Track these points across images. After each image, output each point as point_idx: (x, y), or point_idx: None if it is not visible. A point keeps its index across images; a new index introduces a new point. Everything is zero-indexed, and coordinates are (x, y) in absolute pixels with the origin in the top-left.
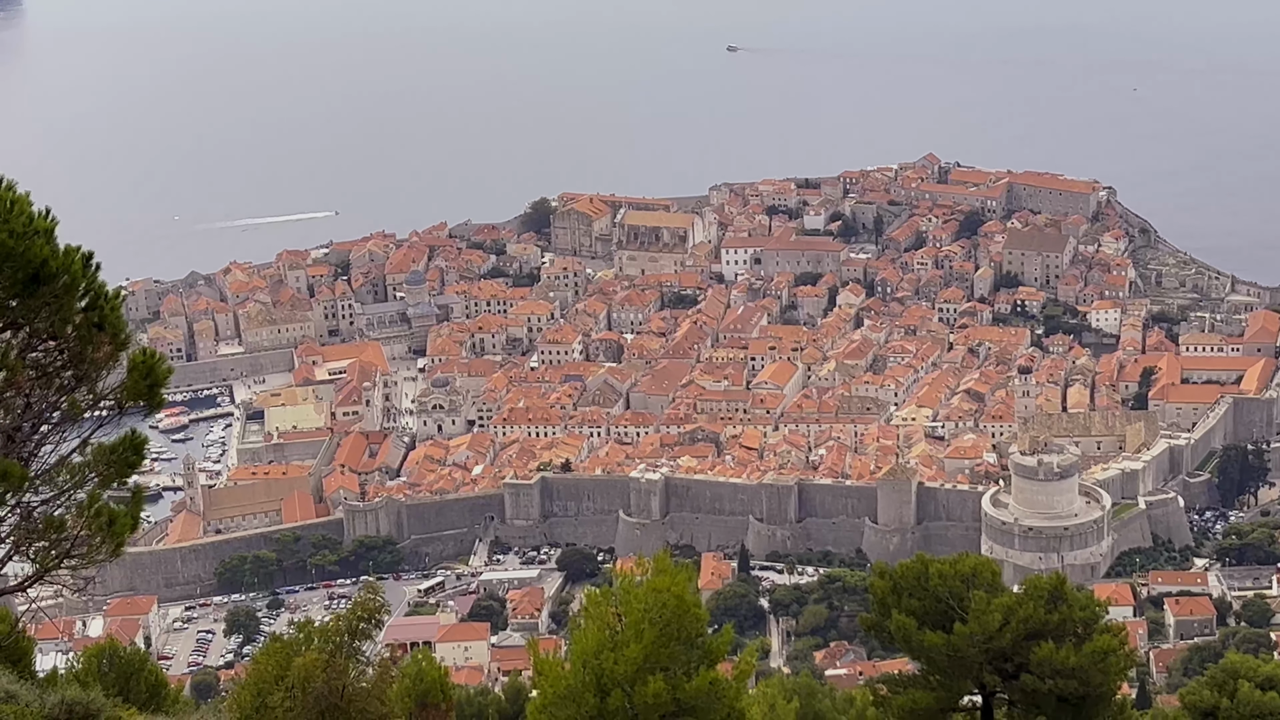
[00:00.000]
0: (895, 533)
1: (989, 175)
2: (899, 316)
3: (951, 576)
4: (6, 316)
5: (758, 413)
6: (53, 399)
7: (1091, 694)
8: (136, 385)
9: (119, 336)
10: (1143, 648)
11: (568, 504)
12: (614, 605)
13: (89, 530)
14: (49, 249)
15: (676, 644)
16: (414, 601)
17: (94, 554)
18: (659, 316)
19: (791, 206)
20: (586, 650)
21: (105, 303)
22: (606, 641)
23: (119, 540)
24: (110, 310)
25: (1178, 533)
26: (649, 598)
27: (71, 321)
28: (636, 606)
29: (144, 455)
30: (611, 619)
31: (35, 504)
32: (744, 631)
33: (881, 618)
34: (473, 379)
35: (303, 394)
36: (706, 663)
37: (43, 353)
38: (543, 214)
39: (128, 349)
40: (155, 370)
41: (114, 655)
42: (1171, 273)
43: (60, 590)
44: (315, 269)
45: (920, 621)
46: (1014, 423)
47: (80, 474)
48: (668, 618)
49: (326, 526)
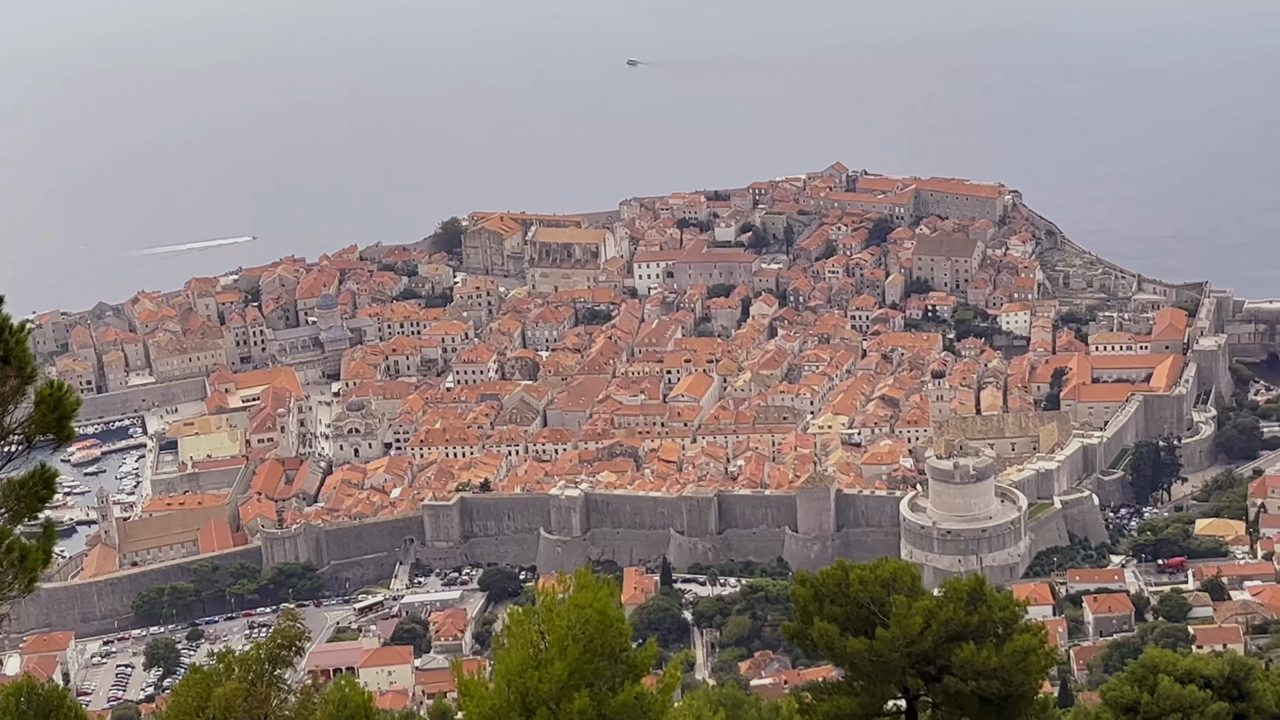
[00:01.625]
0: (815, 540)
1: (896, 182)
2: (812, 325)
3: (872, 582)
4: None
5: (675, 425)
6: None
7: (1013, 693)
8: (44, 418)
9: (25, 370)
10: (1063, 646)
11: (488, 524)
12: (537, 623)
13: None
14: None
15: (600, 659)
16: (341, 626)
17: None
18: (573, 333)
19: (702, 219)
20: (511, 669)
21: (10, 336)
22: (530, 660)
23: (31, 575)
24: (15, 344)
25: (1093, 531)
26: (571, 614)
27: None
28: (559, 624)
29: (54, 489)
30: (535, 637)
31: None
32: (668, 645)
33: (804, 625)
34: (388, 401)
35: (216, 422)
36: (631, 677)
37: None
38: (453, 234)
39: (35, 382)
40: (63, 403)
41: (32, 693)
42: (1079, 273)
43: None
44: (225, 296)
45: (842, 628)
46: (929, 427)
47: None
48: (591, 634)
49: (244, 555)
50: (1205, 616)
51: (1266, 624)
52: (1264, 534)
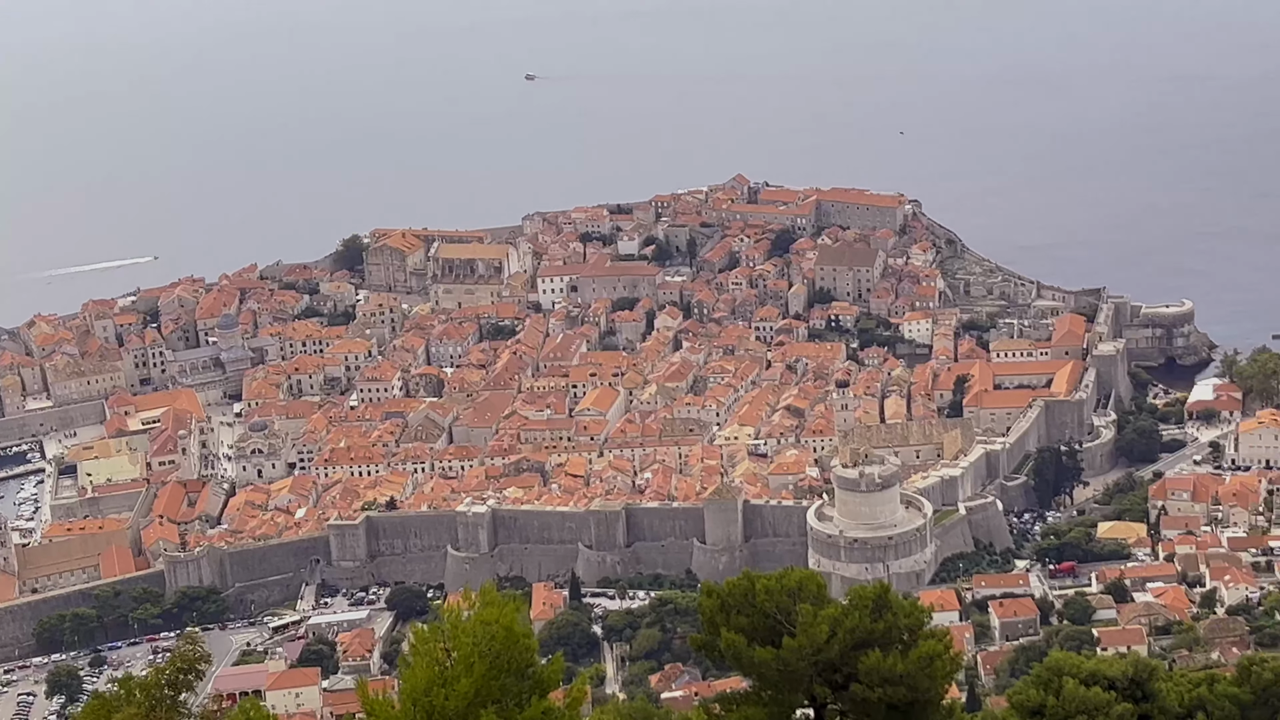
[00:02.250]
0: (724, 552)
1: (798, 194)
2: (717, 337)
3: (778, 592)
4: None
5: (582, 440)
6: None
7: (920, 699)
8: None
9: None
10: (970, 651)
11: (394, 542)
12: (443, 641)
13: None
14: None
15: (507, 676)
16: (247, 649)
17: None
18: (478, 349)
19: (605, 233)
20: (416, 688)
21: None
22: (436, 678)
23: None
24: None
25: (998, 536)
26: (477, 631)
27: None
28: (465, 641)
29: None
30: (441, 655)
31: None
32: (578, 659)
33: (711, 636)
34: (291, 421)
35: (116, 446)
36: (538, 693)
37: None
38: (355, 251)
39: None
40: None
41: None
42: (979, 281)
43: None
44: (123, 318)
45: (749, 638)
46: (834, 436)
47: None
48: (497, 650)
49: (147, 579)
50: (1109, 619)
51: (1169, 625)
52: (1165, 536)
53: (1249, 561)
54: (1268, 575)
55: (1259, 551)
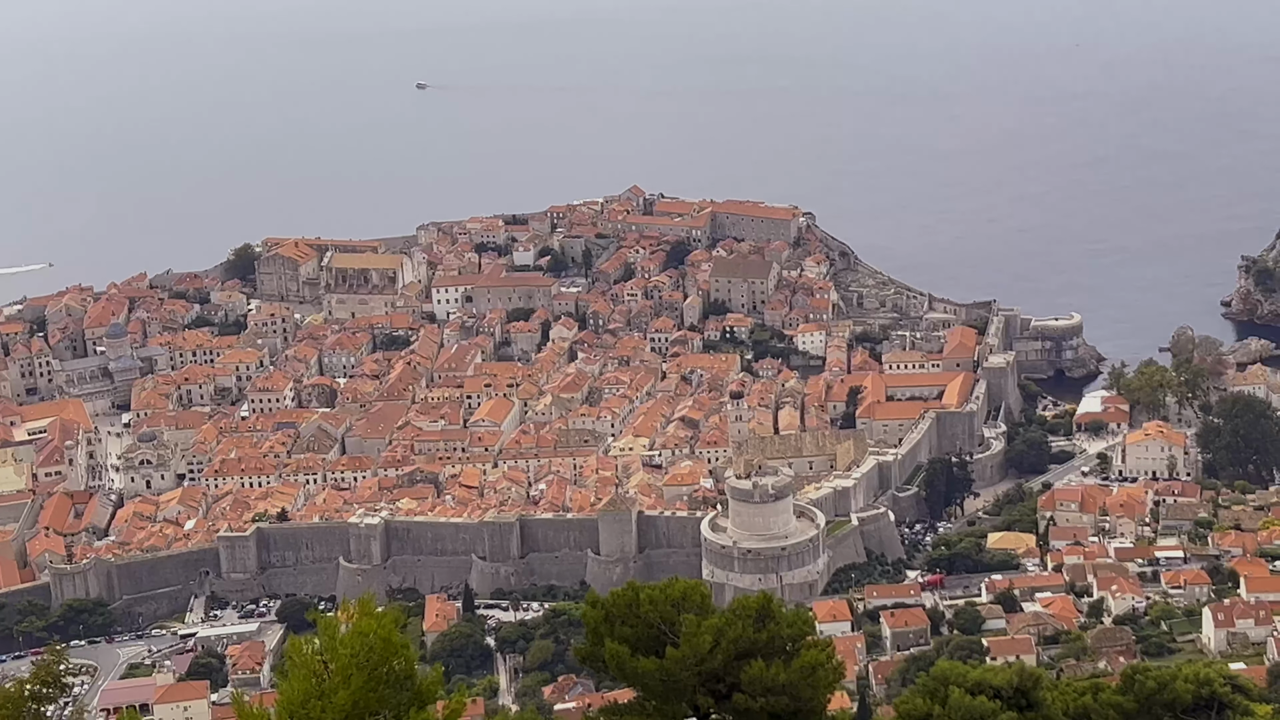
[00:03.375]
0: (618, 563)
1: (693, 205)
2: (612, 348)
3: (662, 602)
4: None
5: (476, 451)
6: None
7: (802, 708)
8: None
9: None
10: (861, 661)
11: (286, 554)
12: (320, 653)
13: None
14: None
15: (386, 687)
16: (134, 662)
17: None
18: (372, 359)
19: (500, 243)
20: (293, 700)
21: None
22: (314, 690)
23: None
24: None
25: (890, 546)
26: (355, 642)
27: None
28: (343, 653)
29: None
30: (318, 667)
31: None
32: (471, 671)
33: (595, 647)
34: (181, 432)
35: (1, 456)
36: (417, 704)
37: None
38: (246, 260)
39: None
40: None
41: None
42: (872, 293)
43: None
44: (9, 326)
45: (633, 648)
46: (729, 447)
47: None
48: (375, 661)
49: (33, 592)
50: (998, 629)
51: (1058, 634)
52: (1053, 546)
53: (1135, 571)
54: (1154, 585)
55: (1145, 562)
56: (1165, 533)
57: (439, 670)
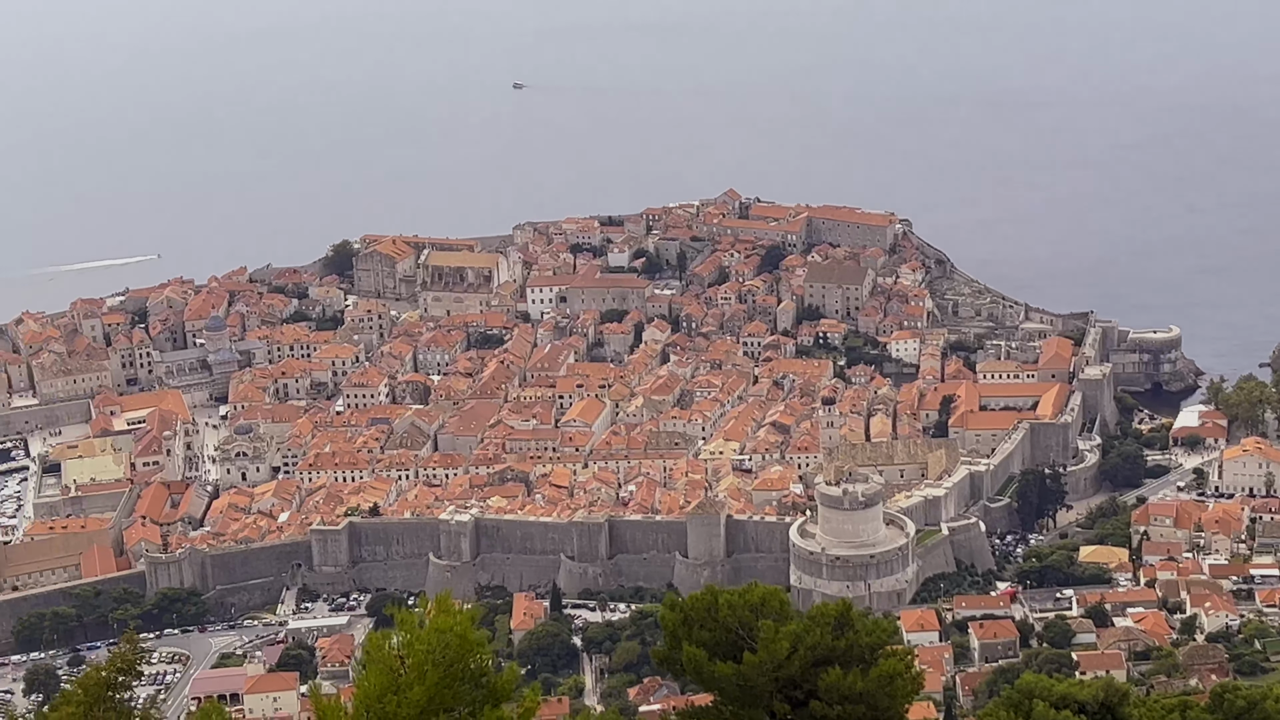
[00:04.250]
0: (705, 566)
1: (789, 210)
2: (704, 351)
3: (741, 606)
4: None
5: (567, 451)
6: None
7: (880, 718)
8: None
9: None
10: (949, 672)
11: (376, 548)
12: (397, 648)
13: None
14: None
15: (461, 684)
16: (225, 651)
17: None
18: (465, 357)
19: (596, 244)
20: (369, 694)
21: None
22: (390, 685)
23: None
24: None
25: (980, 557)
26: (432, 638)
27: None
28: (419, 648)
29: None
30: (394, 662)
31: None
32: (557, 670)
33: (673, 650)
34: (277, 425)
35: (101, 445)
36: (491, 702)
37: None
38: (345, 256)
39: None
40: None
41: None
42: (967, 302)
43: None
44: (111, 317)
45: (711, 652)
46: (819, 453)
47: None
48: (451, 658)
49: (128, 580)
50: (1088, 643)
51: (1148, 650)
52: (1146, 561)
53: (1230, 589)
54: (1248, 603)
55: (1240, 579)
56: (1261, 550)
57: (514, 669)
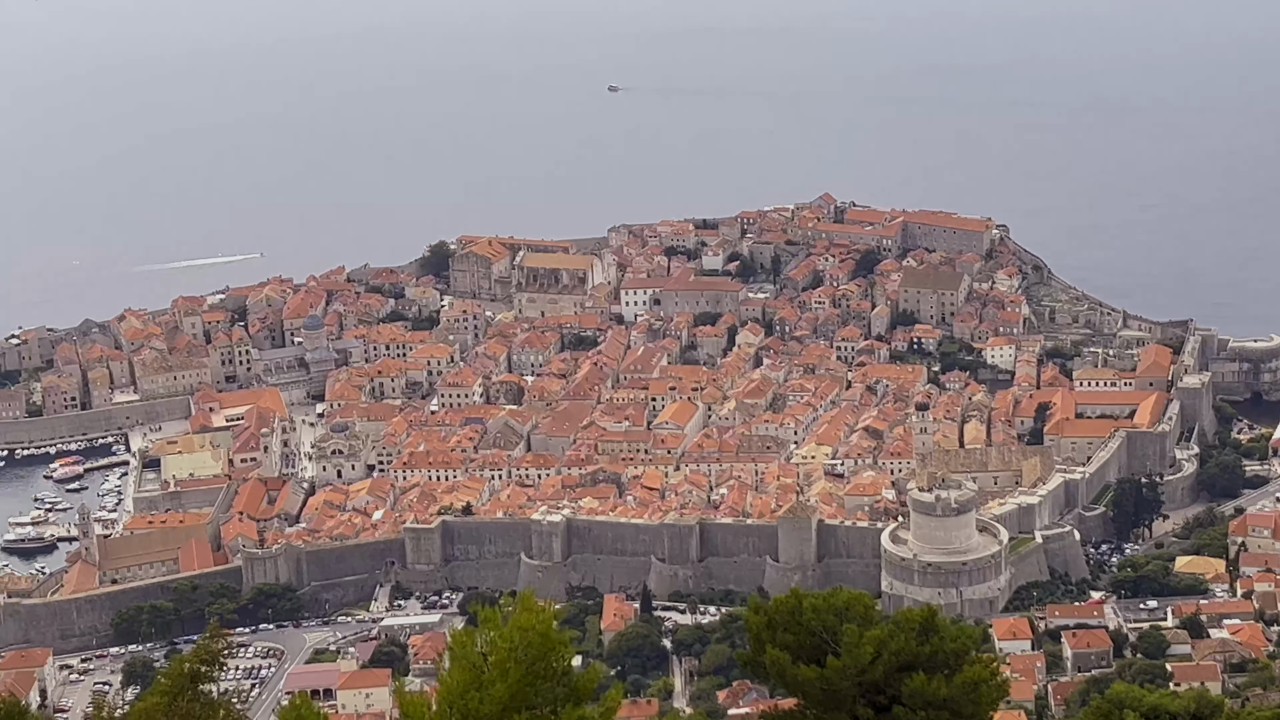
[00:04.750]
0: (796, 570)
1: (884, 214)
2: (798, 355)
3: (825, 610)
4: None
5: (659, 453)
6: None
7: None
8: None
9: None
10: (1040, 680)
11: (469, 547)
12: (480, 645)
13: None
14: None
15: (542, 682)
16: (319, 647)
17: None
18: (559, 358)
19: (690, 247)
20: (452, 691)
21: None
22: (472, 681)
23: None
24: None
25: (1074, 566)
26: (514, 636)
27: None
28: (502, 646)
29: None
30: (477, 659)
31: None
32: (647, 672)
33: (757, 653)
34: (372, 423)
35: (200, 441)
36: (572, 700)
37: None
38: (441, 257)
39: None
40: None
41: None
42: (1064, 309)
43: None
44: (211, 315)
45: (794, 656)
46: (912, 459)
47: None
48: (533, 656)
49: (225, 575)
50: (1183, 654)
51: (1245, 662)
52: (1244, 572)
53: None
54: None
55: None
56: None
57: (596, 668)
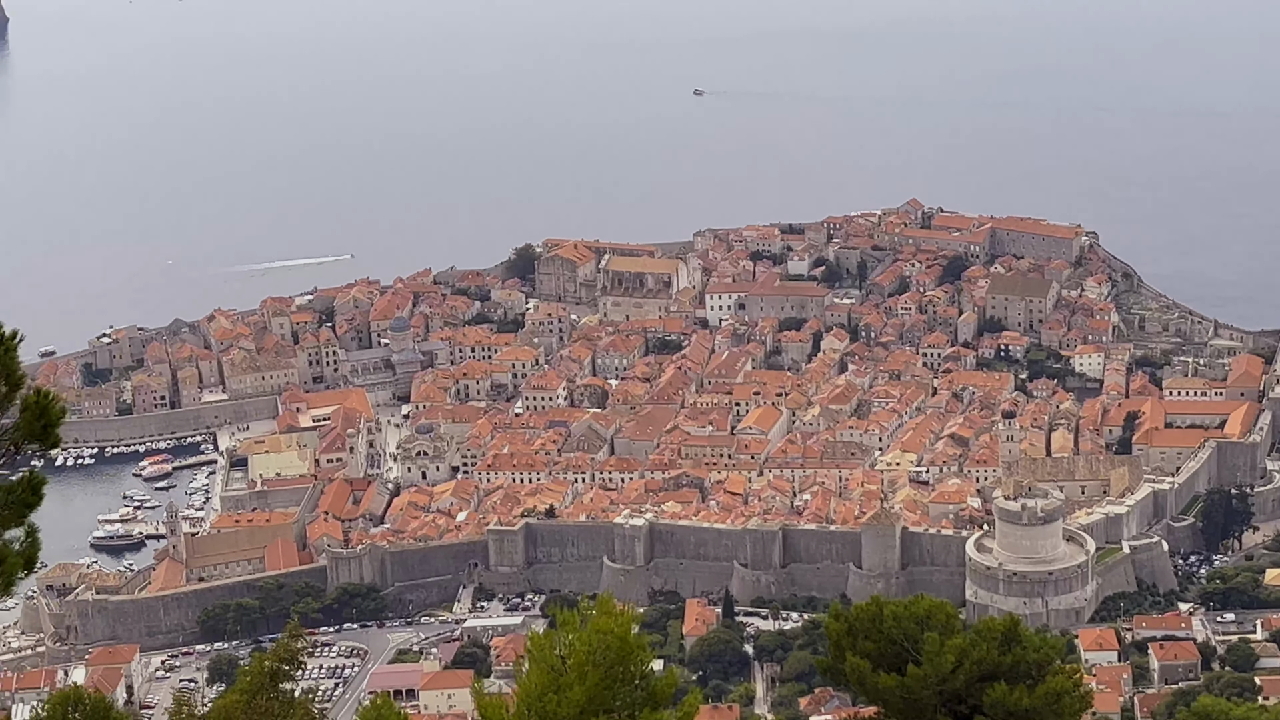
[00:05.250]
0: (880, 578)
1: (972, 220)
2: (883, 361)
3: (906, 618)
4: None
5: (742, 458)
6: None
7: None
8: (30, 425)
9: (13, 376)
10: (1127, 692)
11: (552, 550)
12: (558, 648)
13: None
14: None
15: (620, 685)
16: (402, 648)
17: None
18: (643, 362)
19: (775, 252)
20: (530, 693)
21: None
22: (550, 684)
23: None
24: (4, 352)
25: (1162, 577)
26: (592, 639)
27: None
28: (580, 649)
29: (42, 496)
30: (555, 661)
31: None
32: (728, 677)
33: (836, 661)
34: (457, 425)
35: (286, 441)
36: (650, 705)
37: None
38: (527, 260)
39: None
40: (49, 410)
41: (79, 703)
42: (1154, 317)
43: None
44: (299, 315)
45: (875, 664)
46: (998, 467)
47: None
48: (611, 659)
49: (310, 574)
50: (1273, 667)
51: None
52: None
53: None
54: None
55: None
56: None
57: (675, 673)
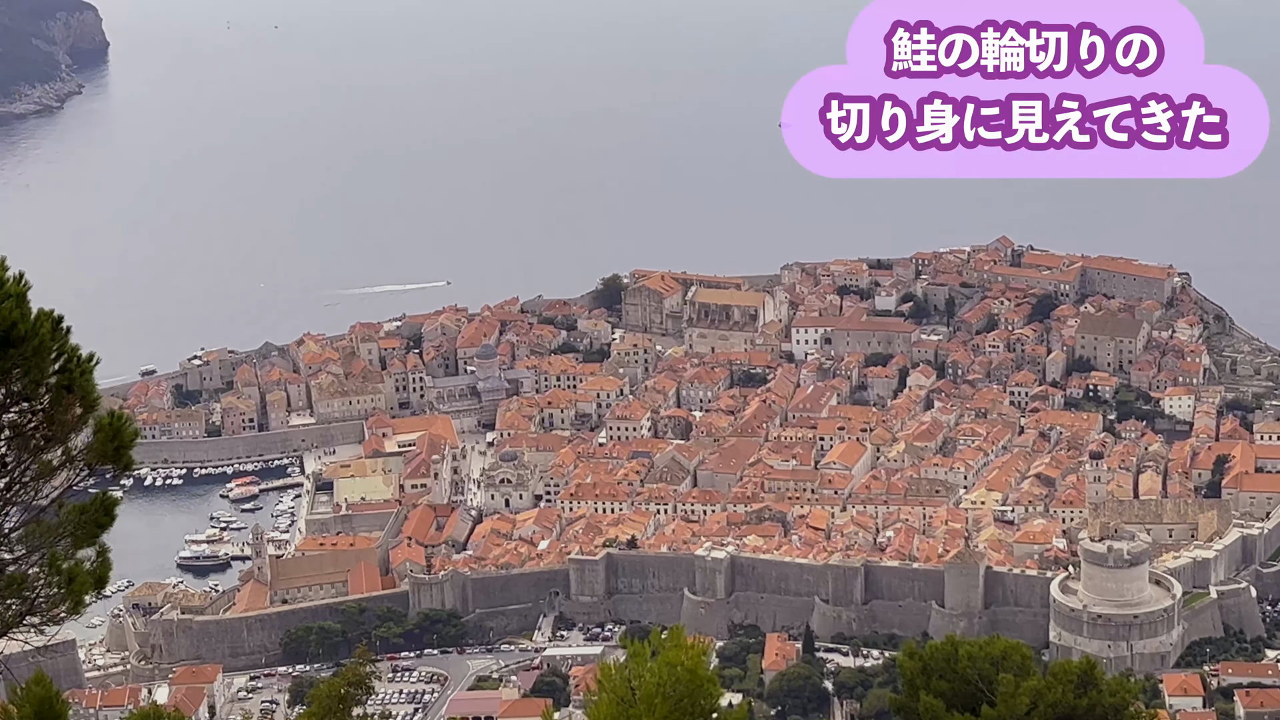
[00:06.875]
0: (962, 617)
1: (1062, 259)
2: (970, 399)
3: (981, 659)
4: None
5: (825, 493)
6: (25, 459)
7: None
8: (103, 447)
9: (88, 398)
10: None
11: (633, 581)
12: (628, 679)
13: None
14: (19, 312)
15: (689, 718)
16: (482, 674)
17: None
18: (728, 394)
19: (863, 287)
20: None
21: (76, 366)
22: (619, 714)
23: (78, 598)
24: (80, 373)
25: (1249, 623)
26: (662, 671)
27: (45, 383)
28: (650, 680)
29: (114, 517)
30: (625, 691)
31: (7, 561)
32: (808, 713)
33: (910, 700)
34: (541, 454)
35: (372, 466)
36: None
37: (16, 413)
38: (614, 290)
39: (96, 411)
40: (122, 432)
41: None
42: (1246, 360)
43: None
44: (387, 341)
45: (948, 704)
46: (1085, 508)
47: (52, 534)
48: (681, 692)
49: (392, 599)
50: None
51: None
52: None
53: None
54: None
55: None
56: None
57: (744, 708)
